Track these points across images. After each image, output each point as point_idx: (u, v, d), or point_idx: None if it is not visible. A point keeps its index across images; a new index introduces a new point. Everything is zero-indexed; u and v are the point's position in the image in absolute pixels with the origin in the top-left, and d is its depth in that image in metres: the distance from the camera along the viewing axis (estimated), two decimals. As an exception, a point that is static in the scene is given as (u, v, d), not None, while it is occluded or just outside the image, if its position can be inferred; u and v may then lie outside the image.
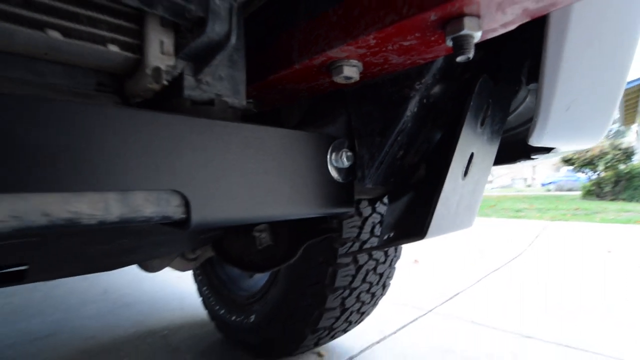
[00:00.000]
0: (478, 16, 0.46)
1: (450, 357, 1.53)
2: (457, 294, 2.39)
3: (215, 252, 1.29)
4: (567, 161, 14.59)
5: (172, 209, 0.49)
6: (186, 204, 0.50)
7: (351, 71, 0.61)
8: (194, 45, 0.52)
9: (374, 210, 1.20)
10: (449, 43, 0.48)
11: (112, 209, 0.43)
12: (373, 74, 0.67)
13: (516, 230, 5.37)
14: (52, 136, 0.39)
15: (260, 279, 1.55)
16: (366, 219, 1.19)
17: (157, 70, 0.51)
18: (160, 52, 0.51)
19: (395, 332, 1.78)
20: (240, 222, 0.58)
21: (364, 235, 1.20)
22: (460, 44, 0.46)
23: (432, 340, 1.69)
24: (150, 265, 1.46)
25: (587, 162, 13.64)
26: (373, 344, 1.65)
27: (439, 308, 2.12)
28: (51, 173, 0.39)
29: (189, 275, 2.50)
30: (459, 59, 0.47)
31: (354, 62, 0.60)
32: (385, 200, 1.20)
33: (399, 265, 3.23)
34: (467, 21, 0.45)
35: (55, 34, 0.43)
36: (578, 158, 13.78)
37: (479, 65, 0.75)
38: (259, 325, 1.41)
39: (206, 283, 1.75)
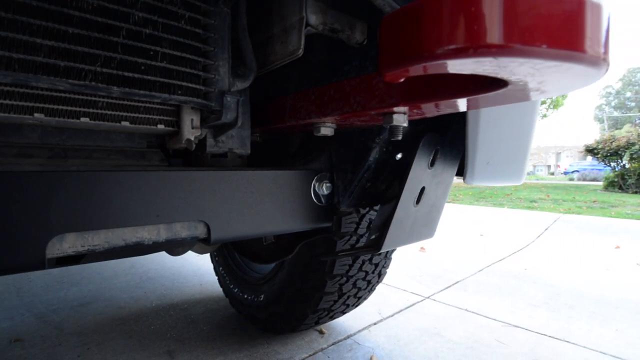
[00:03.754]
0: (405, 113, 0.67)
1: (437, 339, 1.64)
2: (457, 282, 2.48)
3: (231, 245, 1.54)
4: (591, 150, 13.81)
5: (199, 232, 0.74)
6: (208, 229, 0.75)
7: (327, 130, 0.83)
8: (213, 123, 0.76)
9: (370, 207, 1.29)
10: (387, 127, 0.69)
11: (161, 234, 0.69)
12: (346, 128, 0.89)
13: (527, 222, 5.16)
14: (128, 194, 0.64)
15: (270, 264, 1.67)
16: (363, 215, 1.29)
17: (189, 140, 0.76)
18: (191, 127, 0.75)
19: (392, 315, 1.89)
20: (246, 238, 0.83)
21: (361, 230, 1.30)
22: (392, 130, 0.67)
23: (425, 324, 1.79)
24: (175, 250, 1.68)
25: (612, 153, 12.85)
26: (370, 325, 1.77)
27: (437, 295, 2.22)
28: (126, 216, 0.64)
29: (206, 255, 2.62)
30: (392, 139, 0.68)
31: (329, 124, 0.82)
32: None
33: (404, 252, 3.33)
34: (396, 117, 0.66)
35: (126, 124, 0.68)
36: (602, 148, 13.00)
37: (430, 119, 0.94)
38: (267, 304, 1.56)
39: (222, 264, 1.88)
